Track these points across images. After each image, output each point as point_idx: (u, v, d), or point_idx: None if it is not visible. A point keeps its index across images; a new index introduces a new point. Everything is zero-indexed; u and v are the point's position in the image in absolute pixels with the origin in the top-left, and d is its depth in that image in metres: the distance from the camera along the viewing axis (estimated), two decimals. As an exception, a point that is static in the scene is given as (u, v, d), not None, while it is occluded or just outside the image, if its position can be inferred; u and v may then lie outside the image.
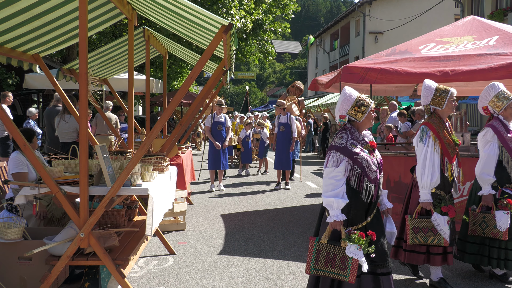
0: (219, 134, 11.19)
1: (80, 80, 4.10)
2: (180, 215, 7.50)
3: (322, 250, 3.75)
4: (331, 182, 3.71)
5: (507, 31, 7.59)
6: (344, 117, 3.88)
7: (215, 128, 11.23)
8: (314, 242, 3.79)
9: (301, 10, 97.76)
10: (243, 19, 15.93)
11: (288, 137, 11.59)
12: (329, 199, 3.69)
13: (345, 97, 3.87)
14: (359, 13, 36.34)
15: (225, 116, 11.48)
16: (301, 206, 9.54)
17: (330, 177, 3.73)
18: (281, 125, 11.66)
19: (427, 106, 5.03)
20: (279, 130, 11.68)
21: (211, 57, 4.97)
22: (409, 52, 7.68)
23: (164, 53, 8.51)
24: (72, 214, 4.27)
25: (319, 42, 49.90)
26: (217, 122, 11.24)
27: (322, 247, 3.75)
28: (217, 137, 11.16)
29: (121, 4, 5.27)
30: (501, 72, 6.49)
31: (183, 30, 5.99)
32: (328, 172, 3.76)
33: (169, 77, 20.70)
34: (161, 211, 5.08)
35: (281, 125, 11.66)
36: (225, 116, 11.48)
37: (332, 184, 3.70)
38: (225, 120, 11.31)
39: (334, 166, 3.72)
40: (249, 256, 6.16)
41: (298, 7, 22.18)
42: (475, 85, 10.13)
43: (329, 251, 3.72)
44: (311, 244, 3.80)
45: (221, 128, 11.26)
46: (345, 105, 3.85)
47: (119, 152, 5.46)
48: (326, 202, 3.73)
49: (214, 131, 11.21)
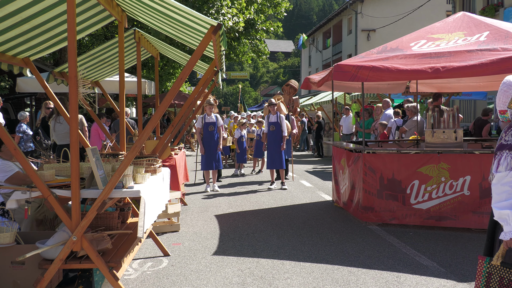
0: (211, 135, 11.18)
1: (70, 82, 4.08)
2: (174, 216, 7.49)
3: (495, 273, 3.11)
4: (505, 190, 3.05)
5: (497, 27, 7.62)
6: (505, 112, 3.23)
7: (206, 129, 11.16)
8: (484, 263, 3.15)
9: (294, 8, 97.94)
10: (235, 17, 15.89)
11: (279, 136, 11.59)
12: (503, 211, 3.03)
13: (501, 88, 3.25)
14: (351, 11, 36.40)
15: (216, 115, 11.38)
16: (296, 205, 9.54)
17: (504, 183, 3.06)
18: (271, 125, 11.66)
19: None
20: (269, 130, 11.69)
21: (203, 58, 4.97)
22: (400, 49, 7.70)
23: (155, 55, 8.49)
24: (64, 218, 4.26)
25: (312, 40, 49.92)
26: (208, 123, 11.18)
27: (495, 270, 3.10)
28: (209, 138, 11.13)
29: (110, 6, 5.26)
30: (492, 67, 6.51)
31: (172, 31, 5.98)
32: (501, 177, 3.08)
33: (162, 78, 20.65)
34: (154, 213, 5.07)
35: (271, 124, 11.65)
36: (216, 115, 11.38)
37: (506, 192, 3.04)
38: (216, 120, 11.24)
39: (509, 170, 3.05)
40: (244, 256, 6.15)
41: (290, 6, 22.16)
42: (468, 81, 10.20)
43: (503, 275, 3.07)
44: (480, 265, 3.17)
45: (213, 128, 11.18)
46: (503, 98, 3.22)
47: (111, 154, 5.44)
48: (499, 215, 3.07)
49: (206, 132, 11.15)
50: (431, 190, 7.32)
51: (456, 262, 5.76)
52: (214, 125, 11.19)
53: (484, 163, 7.11)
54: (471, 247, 6.32)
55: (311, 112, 25.95)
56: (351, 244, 6.59)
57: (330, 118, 22.28)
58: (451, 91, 11.66)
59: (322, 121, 21.30)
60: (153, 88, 13.45)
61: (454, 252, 6.16)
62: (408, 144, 9.77)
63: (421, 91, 11.02)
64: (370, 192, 7.65)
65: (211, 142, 11.13)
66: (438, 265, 5.68)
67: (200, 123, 11.21)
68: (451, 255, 6.05)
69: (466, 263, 5.75)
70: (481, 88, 10.68)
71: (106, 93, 9.12)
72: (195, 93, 7.89)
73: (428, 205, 7.38)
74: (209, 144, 11.17)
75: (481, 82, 10.09)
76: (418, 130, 10.48)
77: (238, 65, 68.19)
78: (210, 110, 11.21)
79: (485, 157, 7.17)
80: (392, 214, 7.58)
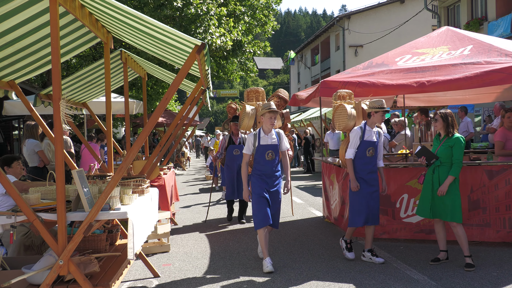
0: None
1: (54, 105, 4.07)
2: (164, 236, 7.44)
3: None
4: None
5: (480, 40, 7.72)
6: None
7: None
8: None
9: (282, 26, 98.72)
10: (222, 37, 15.98)
11: None
12: None
13: None
14: (338, 27, 36.72)
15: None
16: (287, 222, 9.50)
17: None
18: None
19: None
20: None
21: (191, 77, 4.99)
22: (385, 65, 7.77)
23: (143, 75, 8.51)
24: (50, 242, 4.21)
25: (300, 57, 50.23)
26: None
27: None
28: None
29: (95, 28, 5.27)
30: (476, 81, 6.58)
31: (158, 51, 6.00)
32: None
33: (151, 97, 20.66)
34: (143, 234, 5.04)
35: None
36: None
37: None
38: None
39: None
40: (235, 275, 6.10)
41: (277, 25, 22.30)
42: (454, 94, 10.27)
43: None
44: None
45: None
46: None
47: (97, 176, 5.41)
48: None
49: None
50: (420, 204, 7.32)
51: (447, 275, 5.75)
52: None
53: (472, 175, 7.14)
54: (461, 260, 6.31)
55: (301, 128, 26.03)
56: (342, 260, 6.57)
57: (320, 134, 22.33)
58: (438, 104, 11.75)
59: (310, 136, 21.35)
60: (141, 108, 13.45)
61: (445, 265, 6.15)
62: (397, 158, 9.79)
63: (408, 105, 11.09)
64: (360, 207, 7.64)
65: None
66: (429, 278, 5.66)
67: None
68: (442, 268, 6.03)
69: (457, 276, 5.74)
70: (468, 101, 10.78)
71: (94, 114, 9.11)
72: (182, 111, 7.89)
73: (418, 219, 7.38)
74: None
75: (467, 95, 10.18)
76: (407, 144, 10.52)
77: (228, 83, 68.39)
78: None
79: (473, 169, 7.18)
80: (382, 229, 7.57)
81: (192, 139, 45.87)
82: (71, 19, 5.05)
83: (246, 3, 19.94)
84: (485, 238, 7.12)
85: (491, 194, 7.05)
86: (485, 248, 6.95)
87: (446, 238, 6.39)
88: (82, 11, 4.72)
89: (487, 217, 7.06)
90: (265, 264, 6.15)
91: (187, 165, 28.69)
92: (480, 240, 7.12)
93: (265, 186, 6.29)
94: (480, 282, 5.48)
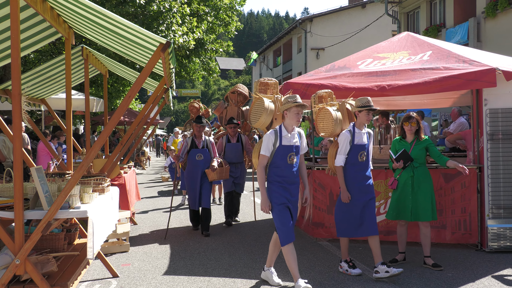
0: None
1: (13, 100, 3.97)
2: (124, 236, 7.34)
3: None
4: None
5: (439, 46, 7.92)
6: None
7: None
8: None
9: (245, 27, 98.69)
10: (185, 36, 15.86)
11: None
12: None
13: None
14: (300, 30, 37.03)
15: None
16: (247, 223, 9.52)
17: None
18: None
19: None
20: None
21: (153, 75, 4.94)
22: (347, 68, 7.88)
23: (104, 72, 8.38)
24: (6, 240, 4.10)
25: (262, 58, 50.42)
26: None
27: None
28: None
29: (56, 22, 5.16)
30: (435, 86, 6.76)
31: (122, 48, 5.92)
32: None
33: (111, 95, 20.35)
34: (103, 233, 4.96)
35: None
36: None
37: None
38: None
39: None
40: (195, 275, 6.08)
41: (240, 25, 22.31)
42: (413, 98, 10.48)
43: None
44: None
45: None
46: None
47: (57, 174, 5.30)
48: None
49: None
50: (379, 206, 7.46)
51: (404, 276, 5.87)
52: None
53: (429, 178, 7.30)
54: (418, 261, 6.46)
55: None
56: (302, 261, 6.62)
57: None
58: (397, 108, 11.99)
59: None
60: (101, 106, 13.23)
61: (402, 266, 6.27)
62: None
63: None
64: (320, 208, 7.73)
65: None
66: (387, 279, 5.76)
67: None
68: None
69: (414, 276, 5.87)
70: (426, 105, 11.03)
71: (52, 111, 8.91)
72: (144, 110, 7.81)
73: (377, 220, 7.49)
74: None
75: (425, 100, 10.41)
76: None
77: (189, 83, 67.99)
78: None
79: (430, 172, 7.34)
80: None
81: (152, 138, 45.40)
82: (32, 13, 4.93)
83: (210, 3, 19.87)
84: (441, 240, 7.32)
85: (447, 197, 7.24)
86: (440, 249, 7.14)
87: (406, 240, 6.53)
88: (44, 5, 4.61)
89: (443, 219, 7.25)
90: (300, 286, 5.24)
91: (147, 164, 28.40)
92: (436, 242, 7.30)
93: (287, 195, 5.45)
94: (436, 283, 5.62)
